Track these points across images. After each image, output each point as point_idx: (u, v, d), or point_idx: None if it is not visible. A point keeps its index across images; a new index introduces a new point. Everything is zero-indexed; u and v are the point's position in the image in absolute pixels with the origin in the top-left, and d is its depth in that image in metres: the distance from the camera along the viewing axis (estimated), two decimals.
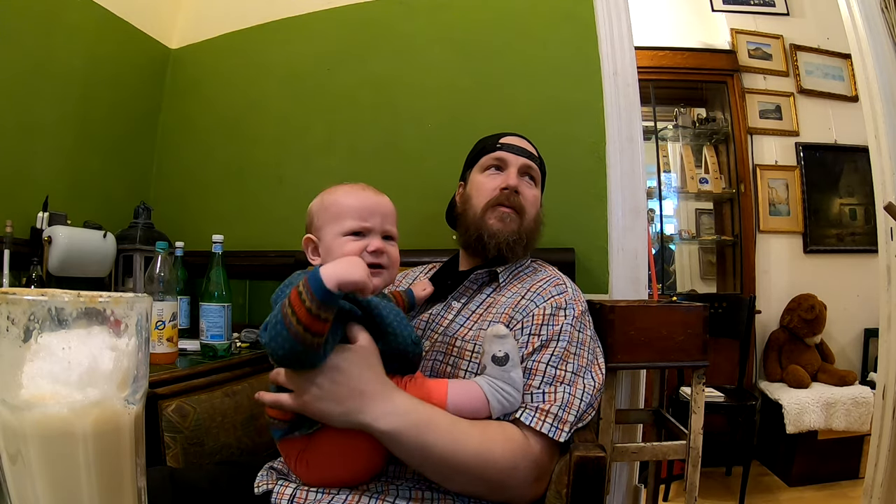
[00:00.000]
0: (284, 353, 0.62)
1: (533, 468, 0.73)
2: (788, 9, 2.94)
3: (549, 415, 0.74)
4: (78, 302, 0.34)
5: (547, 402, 0.75)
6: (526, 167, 0.98)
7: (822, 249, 2.80)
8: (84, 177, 1.61)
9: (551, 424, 0.74)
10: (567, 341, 0.81)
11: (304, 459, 0.70)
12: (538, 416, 0.74)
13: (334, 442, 0.69)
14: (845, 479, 2.33)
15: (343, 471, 0.70)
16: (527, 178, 0.99)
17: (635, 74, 1.37)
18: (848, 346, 2.72)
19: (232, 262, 1.40)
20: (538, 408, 0.75)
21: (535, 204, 0.98)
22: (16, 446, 0.34)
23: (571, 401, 0.76)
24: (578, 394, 0.78)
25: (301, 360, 0.64)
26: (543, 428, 0.73)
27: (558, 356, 0.80)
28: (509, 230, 0.93)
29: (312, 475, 0.70)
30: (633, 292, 1.31)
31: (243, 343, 1.38)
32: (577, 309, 0.86)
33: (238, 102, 1.76)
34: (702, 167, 2.96)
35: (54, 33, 1.50)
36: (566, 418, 0.75)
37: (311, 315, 0.59)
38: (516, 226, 0.94)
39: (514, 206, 0.95)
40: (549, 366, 0.79)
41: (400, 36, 1.59)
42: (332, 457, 0.69)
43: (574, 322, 0.84)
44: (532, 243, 0.98)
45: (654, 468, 1.51)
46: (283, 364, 0.66)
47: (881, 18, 1.72)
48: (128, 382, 0.36)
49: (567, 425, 0.75)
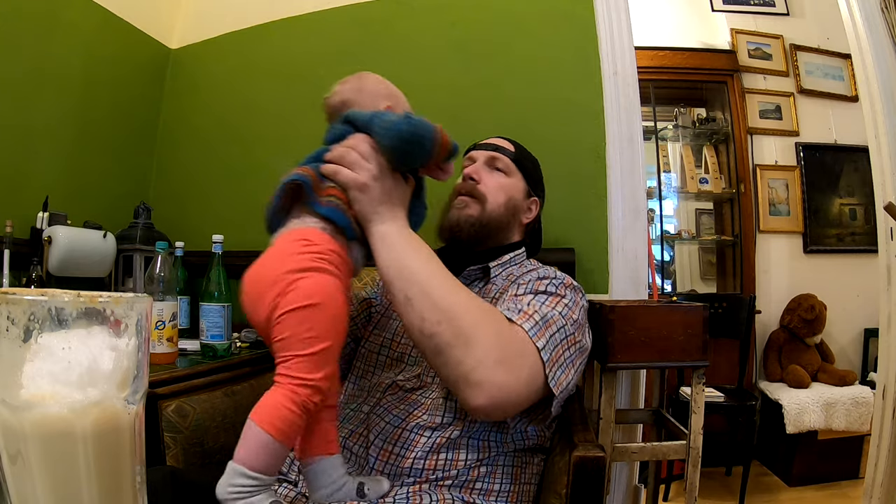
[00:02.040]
0: (415, 146, 0.72)
1: (498, 341, 0.67)
2: (788, 9, 2.94)
3: (531, 319, 0.73)
4: (78, 302, 0.34)
5: (531, 308, 0.75)
6: (491, 158, 1.00)
7: (822, 249, 2.80)
8: (84, 177, 1.61)
9: (531, 327, 0.72)
10: (553, 294, 0.80)
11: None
12: (520, 317, 0.73)
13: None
14: (845, 479, 2.33)
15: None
16: (490, 168, 1.00)
17: (635, 74, 1.37)
18: (848, 346, 2.72)
19: (232, 262, 1.40)
20: (520, 310, 0.74)
21: (500, 190, 0.98)
22: (16, 446, 0.34)
23: (550, 323, 0.74)
24: (560, 323, 0.76)
25: (415, 159, 0.74)
26: (525, 324, 0.72)
27: (542, 299, 0.78)
28: (465, 215, 0.95)
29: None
30: (633, 292, 1.31)
31: (243, 343, 1.38)
32: (568, 281, 0.86)
33: (238, 102, 1.76)
34: (702, 167, 2.96)
35: (54, 33, 1.50)
36: (543, 331, 0.73)
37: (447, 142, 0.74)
38: (474, 211, 0.95)
39: (468, 191, 0.97)
40: (535, 300, 0.78)
41: (400, 36, 1.59)
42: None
43: (559, 285, 0.83)
44: (502, 229, 0.97)
45: (654, 468, 1.51)
46: (400, 151, 0.73)
47: (881, 18, 1.72)
48: (128, 382, 0.36)
49: (545, 337, 0.72)
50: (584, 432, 0.78)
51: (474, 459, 0.76)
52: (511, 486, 0.78)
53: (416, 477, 0.74)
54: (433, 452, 0.75)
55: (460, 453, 0.76)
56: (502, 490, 0.77)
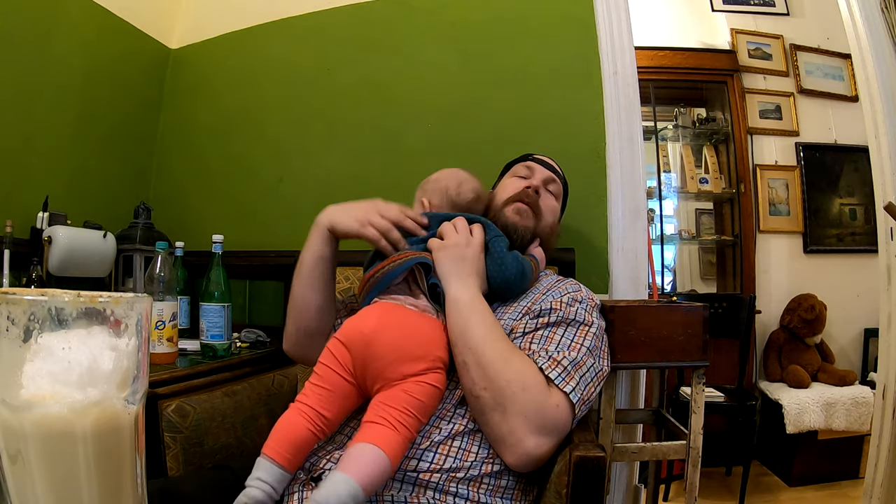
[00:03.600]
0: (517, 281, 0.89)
1: (537, 408, 0.74)
2: (788, 9, 2.94)
3: (560, 365, 0.78)
4: (78, 302, 0.34)
5: (560, 354, 0.80)
6: (550, 179, 1.06)
7: (822, 249, 2.80)
8: (84, 177, 1.61)
9: (559, 374, 0.77)
10: (582, 322, 0.86)
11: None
12: (550, 363, 0.78)
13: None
14: (845, 479, 2.33)
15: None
16: (548, 189, 1.06)
17: (635, 74, 1.37)
18: (848, 346, 2.72)
19: (232, 262, 1.40)
20: (551, 357, 0.79)
21: (551, 212, 1.05)
22: (16, 446, 0.34)
23: (580, 365, 0.80)
24: (589, 363, 0.81)
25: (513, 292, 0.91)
26: (552, 373, 0.77)
27: (572, 333, 0.84)
28: (524, 224, 0.99)
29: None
30: (633, 292, 1.31)
31: (243, 343, 1.39)
32: (592, 303, 0.91)
33: (238, 102, 1.76)
34: (702, 167, 2.96)
35: (54, 33, 1.50)
36: (573, 374, 0.78)
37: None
38: (531, 223, 1.00)
39: (532, 203, 1.01)
40: (565, 338, 0.83)
41: (400, 36, 1.59)
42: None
43: (589, 310, 0.88)
44: (545, 247, 1.03)
45: (654, 468, 1.51)
46: (505, 284, 0.89)
47: (881, 18, 1.72)
48: (128, 382, 0.36)
49: (573, 381, 0.78)
50: (584, 432, 0.78)
51: (486, 455, 0.77)
52: (517, 484, 0.79)
53: (429, 463, 0.74)
54: (449, 438, 0.77)
55: (473, 445, 0.77)
56: (508, 486, 0.78)
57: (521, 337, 0.84)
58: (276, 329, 1.54)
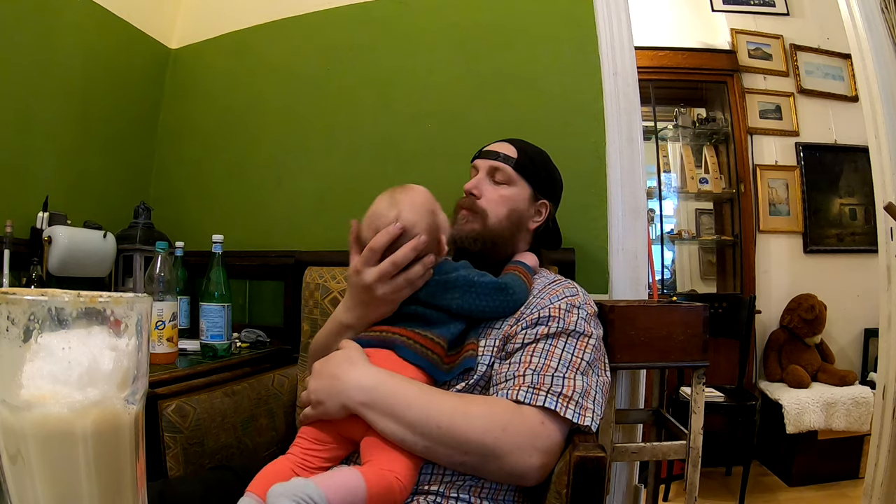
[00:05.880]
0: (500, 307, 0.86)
1: (526, 436, 0.72)
2: (788, 9, 2.94)
3: (572, 402, 0.76)
4: (78, 302, 0.34)
5: (567, 388, 0.77)
6: (492, 169, 0.99)
7: (822, 249, 2.80)
8: (84, 177, 1.61)
9: (574, 411, 0.75)
10: (582, 333, 0.84)
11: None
12: (561, 401, 0.75)
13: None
14: (845, 479, 2.33)
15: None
16: (492, 179, 0.99)
17: (635, 74, 1.37)
18: (848, 346, 2.72)
19: (232, 262, 1.40)
20: (561, 394, 0.76)
21: (500, 204, 0.97)
22: (16, 446, 0.34)
23: (588, 390, 0.78)
24: (594, 384, 0.80)
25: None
26: (567, 413, 0.74)
27: (572, 345, 0.82)
28: (466, 230, 0.96)
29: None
30: (633, 292, 1.31)
31: (243, 343, 1.39)
32: (590, 310, 0.89)
33: (238, 102, 1.76)
34: (702, 167, 2.96)
35: (54, 33, 1.50)
36: (586, 405, 0.77)
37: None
38: (477, 225, 0.96)
39: (469, 207, 0.98)
40: (566, 352, 0.81)
41: (400, 35, 1.59)
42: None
43: (588, 319, 0.86)
44: (506, 241, 0.97)
45: (654, 468, 1.51)
46: (492, 314, 0.86)
47: (881, 18, 1.72)
48: (128, 382, 0.36)
49: (589, 412, 0.76)
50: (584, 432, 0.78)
51: None
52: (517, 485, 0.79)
53: (429, 475, 0.74)
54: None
55: None
56: (509, 488, 0.78)
57: (521, 349, 0.81)
58: (277, 329, 1.55)
